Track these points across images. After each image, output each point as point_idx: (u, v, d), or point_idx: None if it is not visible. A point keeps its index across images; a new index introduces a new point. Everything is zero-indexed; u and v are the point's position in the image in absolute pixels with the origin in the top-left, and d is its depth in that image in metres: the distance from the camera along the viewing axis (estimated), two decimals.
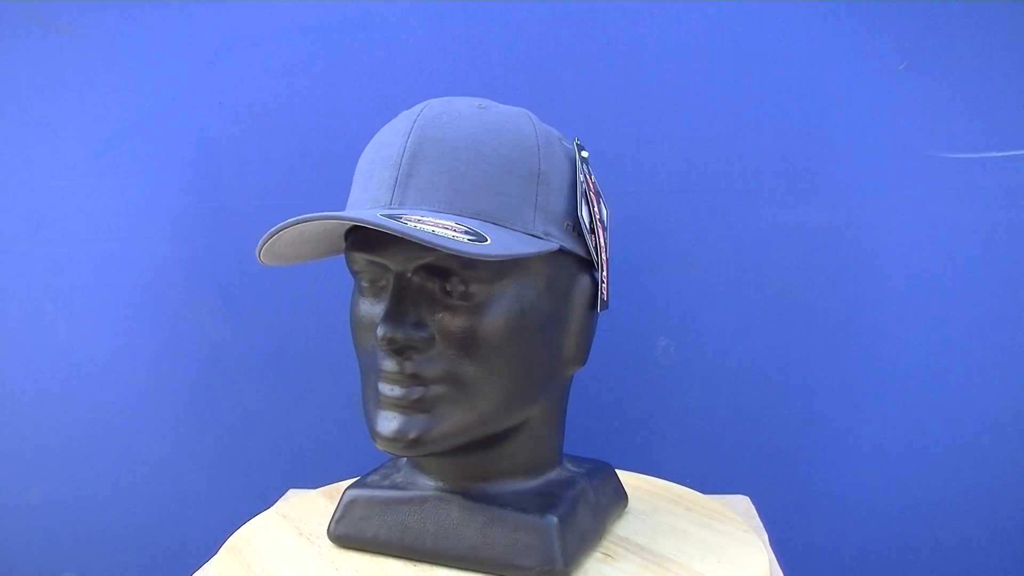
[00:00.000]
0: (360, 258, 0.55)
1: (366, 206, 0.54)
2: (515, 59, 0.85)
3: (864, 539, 0.87)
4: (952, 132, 0.82)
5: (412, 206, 0.52)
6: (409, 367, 0.53)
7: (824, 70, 0.82)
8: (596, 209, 0.60)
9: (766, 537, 0.67)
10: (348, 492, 0.61)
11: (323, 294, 0.88)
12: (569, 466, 0.64)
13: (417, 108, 0.57)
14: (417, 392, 0.53)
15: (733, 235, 0.84)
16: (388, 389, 0.54)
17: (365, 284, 0.56)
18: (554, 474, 0.62)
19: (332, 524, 0.61)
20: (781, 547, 0.65)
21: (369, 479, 0.63)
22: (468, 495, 0.58)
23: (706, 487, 0.74)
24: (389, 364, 0.53)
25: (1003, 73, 0.81)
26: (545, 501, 0.58)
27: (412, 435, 0.53)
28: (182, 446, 0.92)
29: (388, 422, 0.54)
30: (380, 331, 0.52)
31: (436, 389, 0.53)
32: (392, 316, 0.52)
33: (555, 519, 0.55)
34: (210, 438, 0.92)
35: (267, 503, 0.76)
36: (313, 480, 0.80)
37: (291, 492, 0.82)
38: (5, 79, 0.90)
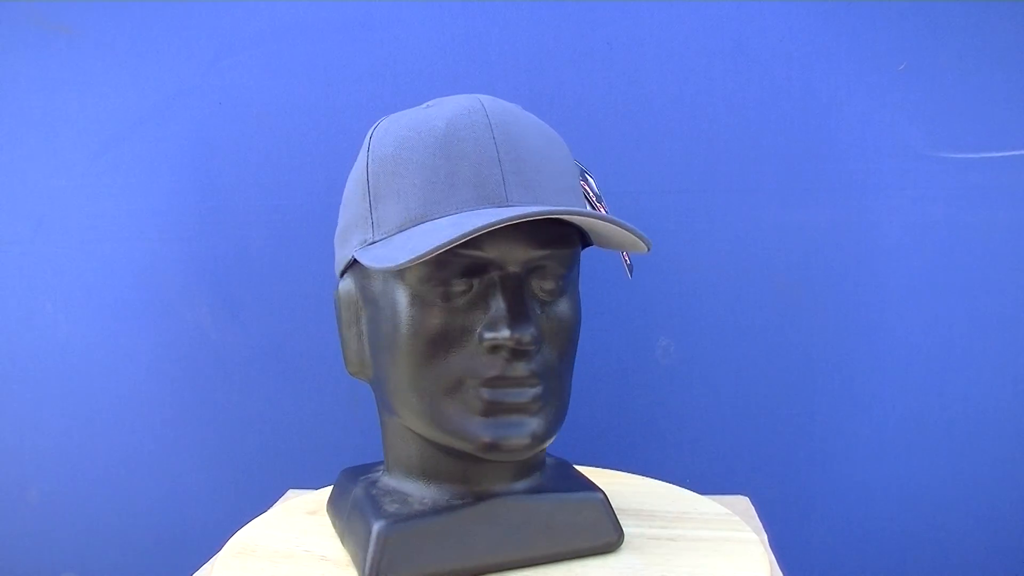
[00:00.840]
0: (450, 259, 0.51)
1: (469, 205, 0.51)
2: (515, 59, 0.85)
3: (864, 539, 0.87)
4: (952, 132, 0.82)
5: (533, 203, 0.51)
6: (527, 368, 0.51)
7: (824, 70, 0.82)
8: None
9: (766, 537, 0.67)
10: (382, 529, 0.53)
11: (323, 294, 0.88)
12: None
13: (472, 102, 0.54)
14: (530, 393, 0.52)
15: (733, 235, 0.84)
16: (503, 394, 0.51)
17: (429, 287, 0.52)
18: (547, 461, 0.63)
19: (375, 567, 0.52)
20: (781, 547, 0.65)
21: (386, 509, 0.55)
22: (517, 492, 0.57)
23: (706, 487, 0.74)
24: (509, 368, 0.51)
25: (1003, 73, 0.81)
26: (575, 482, 0.60)
27: (529, 439, 0.52)
28: (182, 446, 0.92)
29: (507, 428, 0.51)
30: (513, 333, 0.50)
31: (539, 388, 0.52)
32: (520, 316, 0.50)
33: (602, 492, 0.59)
34: (210, 438, 0.92)
35: (267, 503, 0.76)
36: (313, 480, 0.80)
37: (291, 492, 0.82)
38: (5, 79, 0.90)
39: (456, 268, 0.51)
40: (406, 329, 0.52)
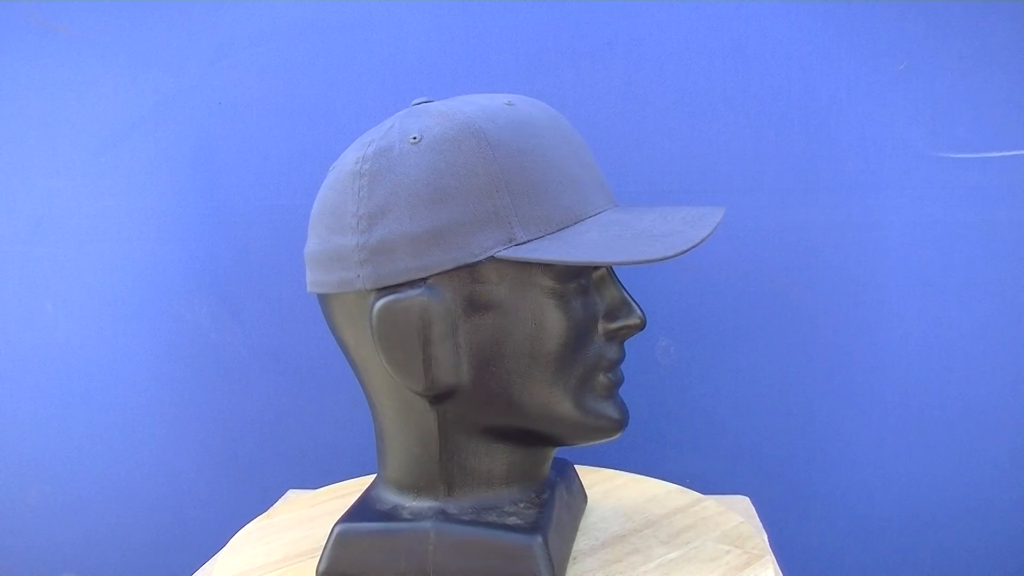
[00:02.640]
0: None
1: (605, 204, 0.55)
2: (515, 59, 0.84)
3: (864, 539, 0.87)
4: (952, 132, 0.82)
5: (616, 203, 0.57)
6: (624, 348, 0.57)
7: (824, 70, 0.82)
8: None
9: (766, 537, 0.67)
10: (528, 540, 0.51)
11: None
12: None
13: (545, 105, 0.56)
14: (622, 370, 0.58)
15: (733, 235, 0.84)
16: (616, 376, 0.57)
17: (563, 285, 0.53)
18: None
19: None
20: (781, 547, 0.65)
21: (514, 524, 0.53)
22: (553, 478, 0.61)
23: (706, 487, 0.74)
24: (620, 351, 0.56)
25: (1003, 73, 0.81)
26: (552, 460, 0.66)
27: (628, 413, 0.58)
28: (182, 446, 0.92)
29: (621, 407, 0.57)
30: (641, 315, 0.55)
31: None
32: (634, 301, 0.56)
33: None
34: (210, 438, 0.92)
35: (267, 503, 0.76)
36: (313, 480, 0.80)
37: (291, 492, 0.82)
38: (4, 79, 0.90)
39: (583, 266, 0.53)
40: (552, 328, 0.52)
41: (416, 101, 0.56)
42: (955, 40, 0.81)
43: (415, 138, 0.52)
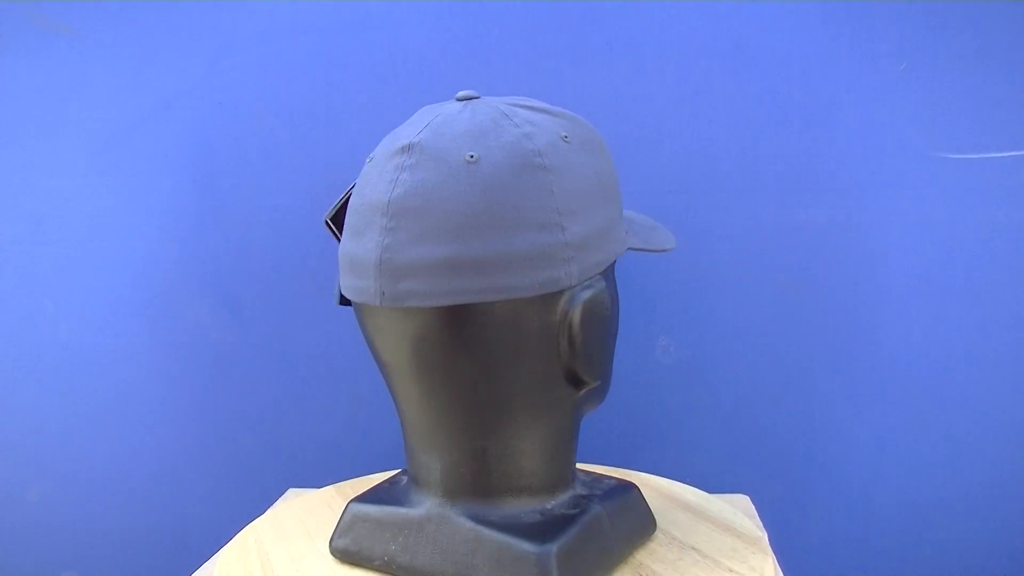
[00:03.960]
0: None
1: None
2: (515, 59, 0.85)
3: (864, 539, 0.87)
4: (952, 132, 0.82)
5: None
6: None
7: (824, 70, 0.82)
8: None
9: (766, 537, 0.67)
10: (634, 486, 0.60)
11: (323, 294, 0.88)
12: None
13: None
14: None
15: (733, 235, 0.84)
16: None
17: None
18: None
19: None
20: (781, 547, 0.65)
21: (601, 480, 0.61)
22: None
23: (706, 487, 0.74)
24: None
25: (1003, 73, 0.81)
26: None
27: None
28: (182, 446, 0.92)
29: None
30: None
31: None
32: None
33: None
34: (210, 438, 0.92)
35: (267, 503, 0.76)
36: (313, 480, 0.80)
37: (291, 492, 0.82)
38: (6, 79, 0.90)
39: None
40: (618, 310, 0.59)
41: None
42: (955, 40, 0.81)
43: (566, 137, 0.53)
